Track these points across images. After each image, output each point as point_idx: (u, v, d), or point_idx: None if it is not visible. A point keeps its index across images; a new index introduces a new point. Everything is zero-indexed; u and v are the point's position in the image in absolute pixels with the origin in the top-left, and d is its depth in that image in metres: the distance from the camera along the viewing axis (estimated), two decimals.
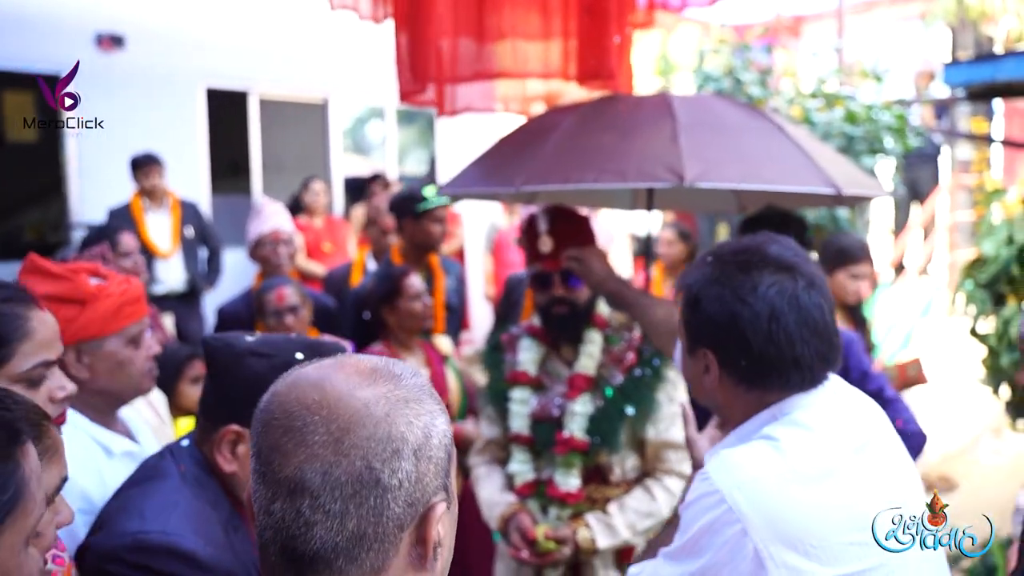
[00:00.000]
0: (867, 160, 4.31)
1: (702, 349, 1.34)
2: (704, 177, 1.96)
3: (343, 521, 0.77)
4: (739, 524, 1.16)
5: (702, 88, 4.77)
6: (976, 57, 5.18)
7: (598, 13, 2.55)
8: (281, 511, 0.78)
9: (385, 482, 0.78)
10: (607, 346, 2.31)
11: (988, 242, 4.32)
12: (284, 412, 0.80)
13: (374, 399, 0.80)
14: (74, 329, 1.68)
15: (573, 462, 2.20)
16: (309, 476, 0.77)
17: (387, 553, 0.79)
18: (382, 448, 0.78)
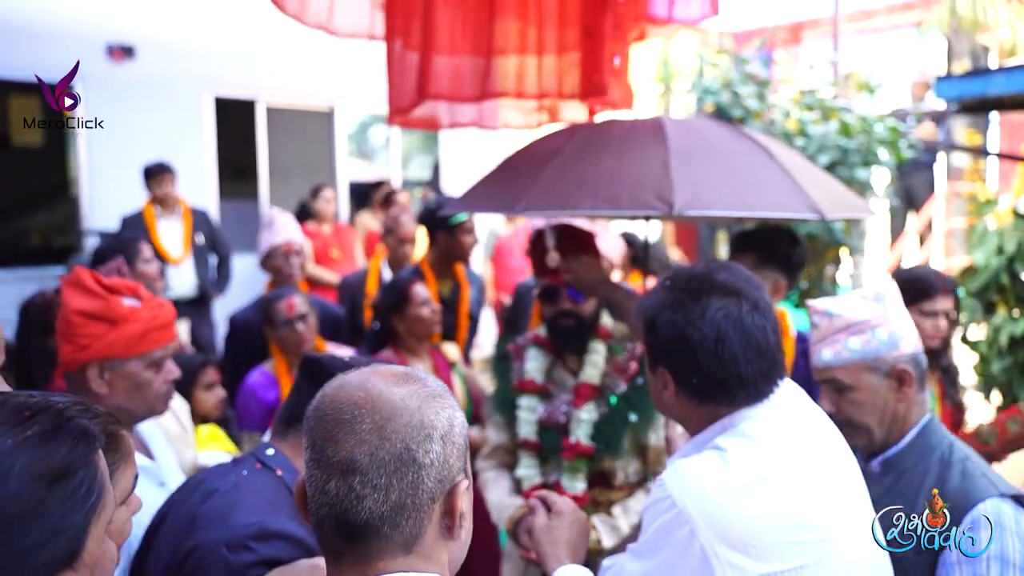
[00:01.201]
0: (861, 172, 4.42)
1: (660, 368, 1.46)
2: (692, 205, 2.08)
3: (387, 494, 0.94)
4: (688, 526, 1.30)
5: (701, 101, 4.88)
6: (968, 72, 5.30)
7: (596, 34, 2.67)
8: (335, 489, 0.94)
9: (420, 460, 0.96)
10: (610, 356, 2.43)
11: (979, 251, 4.44)
12: (334, 408, 0.97)
13: (408, 395, 0.98)
14: (100, 346, 1.77)
15: (579, 467, 2.32)
16: (359, 457, 0.94)
17: (422, 521, 0.96)
18: (417, 433, 0.96)
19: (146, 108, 6.29)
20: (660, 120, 2.45)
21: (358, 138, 9.26)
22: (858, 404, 1.71)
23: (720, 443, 1.39)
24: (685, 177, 2.13)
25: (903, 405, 1.72)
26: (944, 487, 1.67)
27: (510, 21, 2.97)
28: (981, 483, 1.66)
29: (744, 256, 2.61)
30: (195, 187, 6.53)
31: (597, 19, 2.72)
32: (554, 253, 2.37)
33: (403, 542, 0.96)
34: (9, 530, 0.78)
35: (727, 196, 2.18)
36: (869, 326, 1.71)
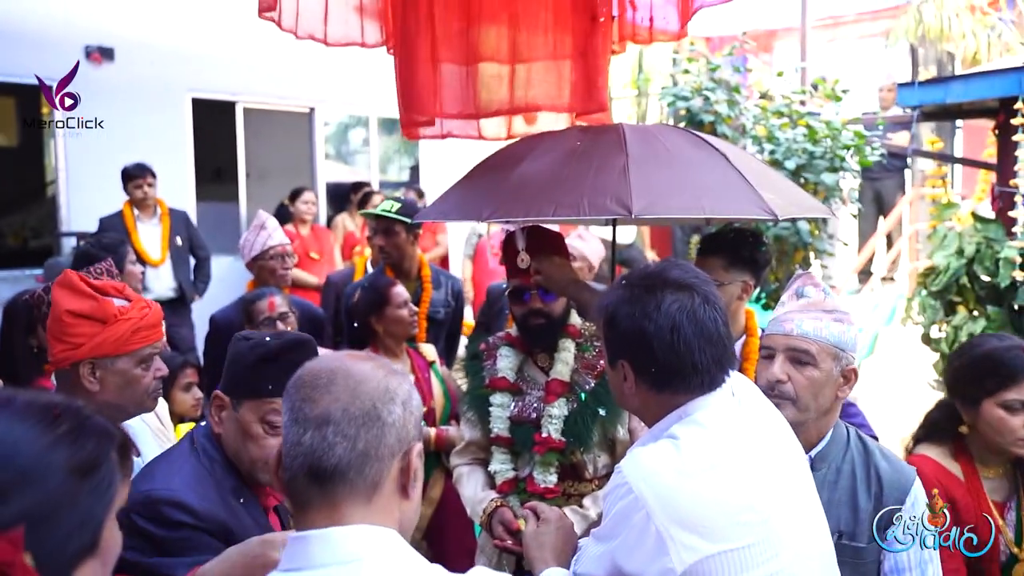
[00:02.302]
0: (827, 176, 4.56)
1: (620, 361, 1.54)
2: (649, 210, 2.19)
3: (355, 443, 1.11)
4: (643, 510, 1.39)
5: (672, 106, 5.00)
6: (929, 79, 5.46)
7: (590, 52, 2.76)
8: (311, 440, 1.10)
9: (384, 419, 1.13)
10: (580, 354, 2.53)
11: (940, 253, 4.59)
12: (312, 375, 1.15)
13: (375, 367, 1.18)
14: (92, 345, 1.85)
15: (550, 460, 2.41)
16: (333, 411, 1.11)
17: (382, 472, 1.13)
18: (383, 395, 1.14)
19: (124, 110, 6.30)
20: (620, 128, 2.55)
21: (336, 140, 9.30)
22: (811, 382, 1.80)
23: (674, 431, 1.47)
24: (643, 183, 2.23)
25: (838, 402, 1.84)
26: (879, 472, 1.79)
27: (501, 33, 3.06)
28: (901, 463, 1.81)
29: (712, 258, 2.72)
30: (173, 189, 6.55)
31: (590, 39, 2.80)
32: (524, 254, 2.45)
33: (365, 489, 1.11)
34: (48, 521, 0.83)
35: (684, 200, 2.29)
36: (848, 320, 1.85)
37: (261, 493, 1.82)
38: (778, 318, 1.90)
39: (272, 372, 1.70)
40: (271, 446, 1.71)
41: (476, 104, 3.05)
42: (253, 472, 1.77)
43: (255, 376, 1.72)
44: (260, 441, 1.73)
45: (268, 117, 7.89)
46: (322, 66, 7.27)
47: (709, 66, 5.06)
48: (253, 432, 1.73)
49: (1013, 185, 4.59)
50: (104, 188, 6.15)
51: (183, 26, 6.84)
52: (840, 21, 9.85)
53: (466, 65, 3.04)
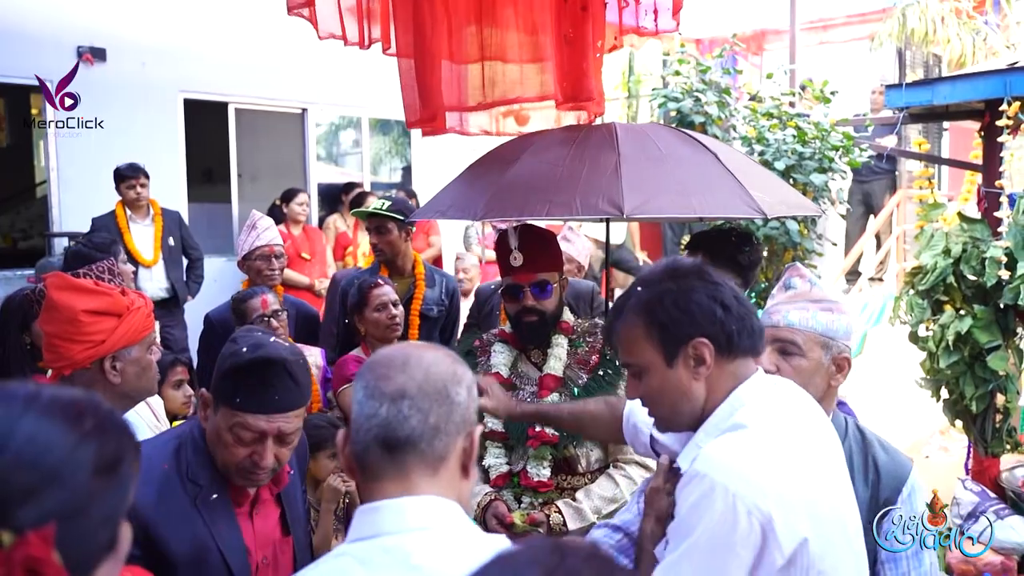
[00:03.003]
0: (816, 177, 4.61)
1: (695, 341, 1.49)
2: (640, 210, 2.22)
3: (427, 416, 1.19)
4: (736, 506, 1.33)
5: (663, 107, 5.05)
6: (916, 81, 5.53)
7: (577, 41, 2.79)
8: (386, 411, 1.18)
9: (453, 398, 1.21)
10: (572, 349, 2.56)
11: (927, 253, 4.64)
12: (387, 357, 1.25)
13: (444, 354, 1.28)
14: (114, 339, 1.89)
15: (544, 454, 2.45)
16: (408, 387, 1.19)
17: (449, 447, 1.21)
18: (451, 377, 1.23)
19: (116, 110, 6.30)
20: (612, 127, 2.59)
21: (327, 141, 9.32)
22: (800, 371, 1.81)
23: (740, 420, 1.46)
24: (634, 182, 2.27)
25: (832, 390, 1.87)
26: (876, 462, 1.82)
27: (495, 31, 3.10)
28: (899, 454, 1.83)
29: (701, 257, 2.75)
30: (165, 189, 6.55)
31: (577, 27, 2.83)
32: (517, 253, 2.48)
33: (433, 461, 1.19)
34: (75, 519, 0.83)
35: (675, 199, 2.32)
36: (838, 309, 1.86)
37: (238, 489, 1.80)
38: (767, 311, 1.92)
39: (240, 385, 1.67)
40: (239, 455, 1.70)
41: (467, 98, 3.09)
42: (226, 474, 1.75)
43: (227, 385, 1.69)
44: (230, 448, 1.70)
45: (260, 118, 7.90)
46: (314, 67, 7.30)
47: (700, 67, 5.11)
48: (224, 439, 1.70)
49: (998, 186, 4.66)
50: (95, 188, 6.15)
51: (175, 26, 6.85)
52: (829, 24, 9.94)
53: (461, 61, 3.08)
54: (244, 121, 7.65)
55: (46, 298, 1.89)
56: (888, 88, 4.94)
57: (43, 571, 0.77)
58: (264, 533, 1.84)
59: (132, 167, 5.63)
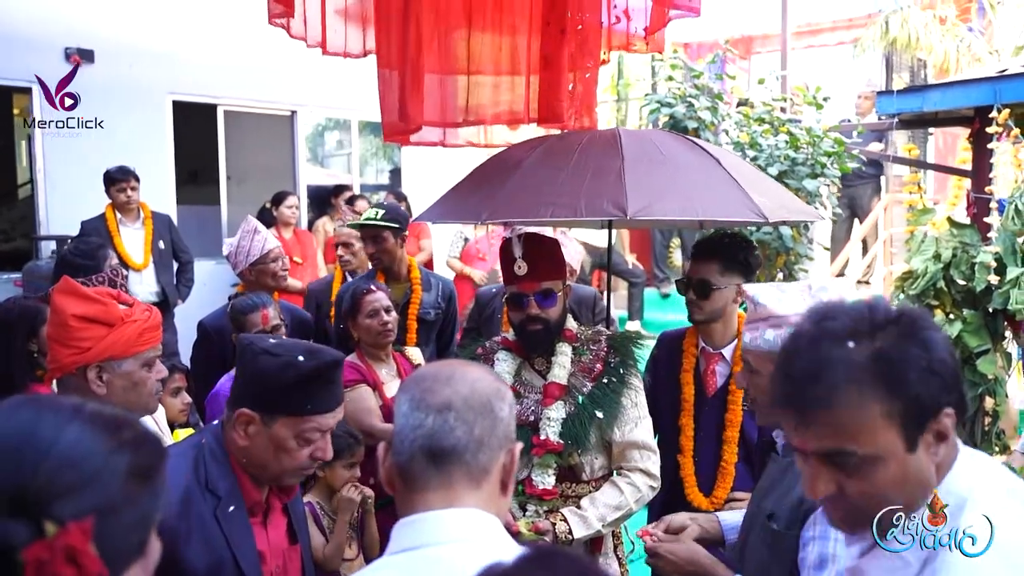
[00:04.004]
0: (809, 182, 4.65)
1: (944, 411, 1.17)
2: (645, 212, 2.24)
3: (472, 429, 1.20)
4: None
5: (655, 113, 5.07)
6: (906, 88, 5.59)
7: (554, 63, 2.82)
8: (432, 423, 1.20)
9: (496, 413, 1.23)
10: (576, 358, 2.57)
11: (917, 258, 4.69)
12: (433, 371, 1.27)
13: (487, 371, 1.32)
14: (100, 348, 1.87)
15: (548, 462, 2.45)
16: (454, 400, 1.21)
17: (492, 461, 1.22)
18: (495, 394, 1.25)
19: (104, 111, 6.25)
20: (616, 132, 2.60)
21: (316, 143, 9.28)
22: (758, 388, 1.85)
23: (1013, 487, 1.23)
24: (638, 185, 2.28)
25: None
26: None
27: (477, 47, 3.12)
28: None
29: (708, 262, 2.76)
30: (153, 192, 6.51)
31: (556, 49, 2.86)
32: (521, 261, 2.49)
33: (477, 474, 1.20)
34: (112, 517, 0.90)
35: (678, 202, 2.34)
36: (786, 322, 1.77)
37: (255, 500, 1.83)
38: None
39: (311, 391, 1.75)
40: (303, 457, 1.77)
41: (451, 112, 3.11)
42: (281, 479, 1.81)
43: (294, 396, 1.74)
44: (293, 454, 1.76)
45: (249, 120, 7.86)
46: (303, 69, 7.26)
47: (692, 73, 5.14)
48: (288, 446, 1.75)
49: (988, 191, 4.71)
50: (83, 191, 6.09)
51: (163, 28, 6.80)
52: (816, 29, 10.02)
53: (444, 74, 3.10)
54: (233, 123, 7.60)
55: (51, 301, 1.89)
56: (879, 95, 4.98)
57: (81, 561, 0.83)
58: (276, 542, 1.86)
59: (122, 170, 5.58)
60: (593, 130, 2.93)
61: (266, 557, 1.81)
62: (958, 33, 8.51)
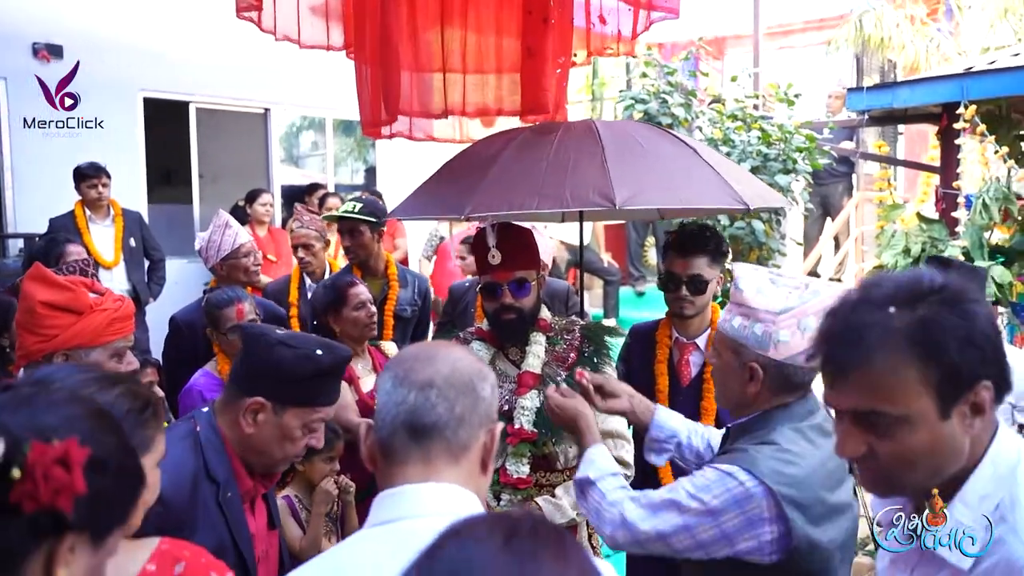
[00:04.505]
0: (781, 178, 4.69)
1: (977, 387, 1.18)
2: (632, 201, 2.24)
3: (453, 406, 1.22)
4: None
5: (629, 109, 5.10)
6: (876, 84, 5.67)
7: (538, 54, 2.82)
8: (414, 399, 1.21)
9: (478, 393, 1.25)
10: (550, 347, 2.57)
11: (887, 253, 4.77)
12: (418, 350, 1.31)
13: (469, 352, 1.35)
14: (67, 336, 1.85)
15: (523, 451, 2.44)
16: (436, 378, 1.23)
17: (472, 439, 1.24)
18: (477, 374, 1.27)
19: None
20: (590, 123, 2.60)
21: (290, 142, 9.22)
22: (715, 371, 1.89)
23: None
24: (623, 174, 2.28)
25: (750, 394, 1.80)
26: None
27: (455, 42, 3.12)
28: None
29: (698, 256, 2.75)
30: (124, 190, 6.42)
31: (539, 40, 2.86)
32: (495, 251, 2.48)
33: (456, 450, 1.22)
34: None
35: (662, 191, 2.35)
36: (754, 316, 1.77)
37: (247, 487, 1.86)
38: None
39: (325, 385, 1.84)
40: (301, 446, 1.85)
41: (430, 105, 3.11)
42: (275, 466, 1.87)
43: (309, 388, 1.81)
44: (296, 443, 1.82)
45: (222, 118, 7.78)
46: (277, 67, 7.20)
47: (666, 70, 5.17)
48: (294, 436, 1.81)
49: (956, 187, 4.79)
50: (52, 189, 6.01)
51: (134, 23, 6.72)
52: (789, 29, 10.14)
53: (421, 69, 3.10)
54: (206, 121, 7.53)
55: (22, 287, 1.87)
56: (849, 91, 5.05)
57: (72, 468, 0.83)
58: (261, 528, 1.89)
59: (94, 166, 5.51)
60: (566, 122, 2.93)
61: (255, 542, 1.84)
62: (928, 33, 8.65)
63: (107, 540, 0.94)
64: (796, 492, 1.64)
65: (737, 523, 1.64)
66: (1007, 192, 4.49)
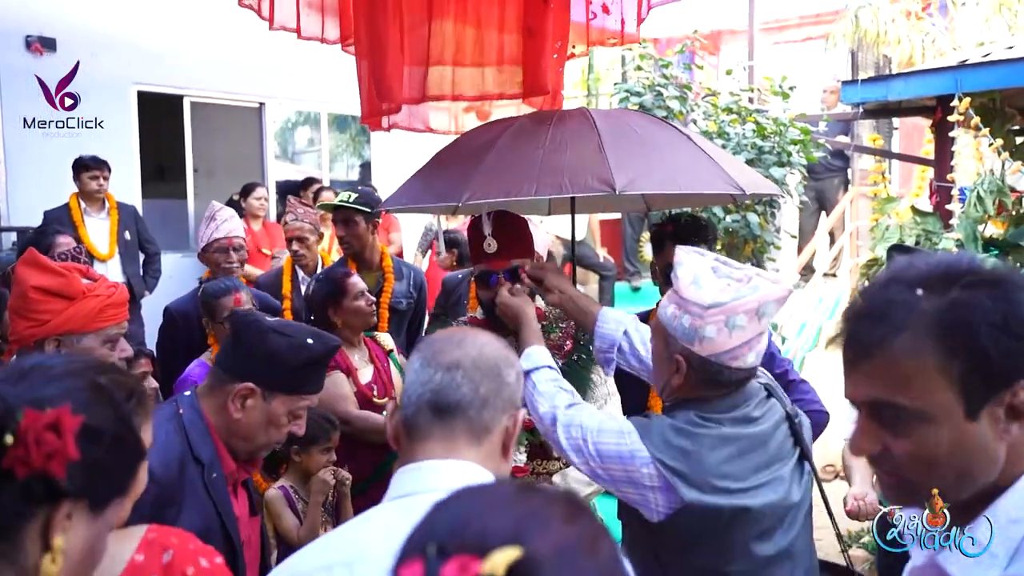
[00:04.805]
0: (775, 171, 4.70)
1: (1015, 387, 1.01)
2: (631, 187, 2.24)
3: (478, 388, 1.26)
4: None
5: (625, 102, 5.10)
6: (871, 77, 5.68)
7: (538, 35, 2.81)
8: (440, 378, 1.26)
9: (503, 378, 1.29)
10: (545, 335, 2.56)
11: (881, 246, 4.77)
12: (446, 336, 1.34)
13: (496, 338, 1.36)
14: (59, 321, 1.85)
15: (520, 440, 2.44)
16: (463, 360, 1.27)
17: (494, 421, 1.27)
18: (504, 360, 1.31)
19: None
20: (584, 110, 2.60)
21: (285, 136, 9.20)
22: (652, 353, 1.90)
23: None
24: (620, 160, 2.28)
25: (674, 384, 1.80)
26: None
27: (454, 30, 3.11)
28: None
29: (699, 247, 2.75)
30: (118, 184, 6.39)
31: (539, 20, 2.85)
32: (491, 239, 2.47)
33: (478, 431, 1.26)
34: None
35: (661, 177, 2.35)
36: (684, 307, 1.74)
37: (231, 469, 1.87)
38: None
39: (314, 373, 1.88)
40: (284, 432, 1.88)
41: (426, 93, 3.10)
42: (258, 452, 1.89)
43: (299, 377, 1.85)
44: (281, 429, 1.85)
45: (216, 112, 7.76)
46: (272, 61, 7.19)
47: (661, 63, 5.18)
48: (280, 422, 1.84)
49: (950, 180, 4.80)
50: (45, 183, 5.99)
51: (128, 16, 6.69)
52: (784, 25, 10.15)
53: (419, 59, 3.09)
54: (200, 115, 7.50)
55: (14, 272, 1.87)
56: (844, 84, 5.06)
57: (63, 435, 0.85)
58: (243, 514, 1.90)
59: (95, 159, 5.55)
60: (560, 109, 2.93)
61: (239, 526, 1.85)
62: (923, 28, 8.67)
63: (106, 510, 0.94)
64: (682, 465, 1.68)
65: (619, 475, 1.74)
66: (1001, 185, 4.50)
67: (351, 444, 3.05)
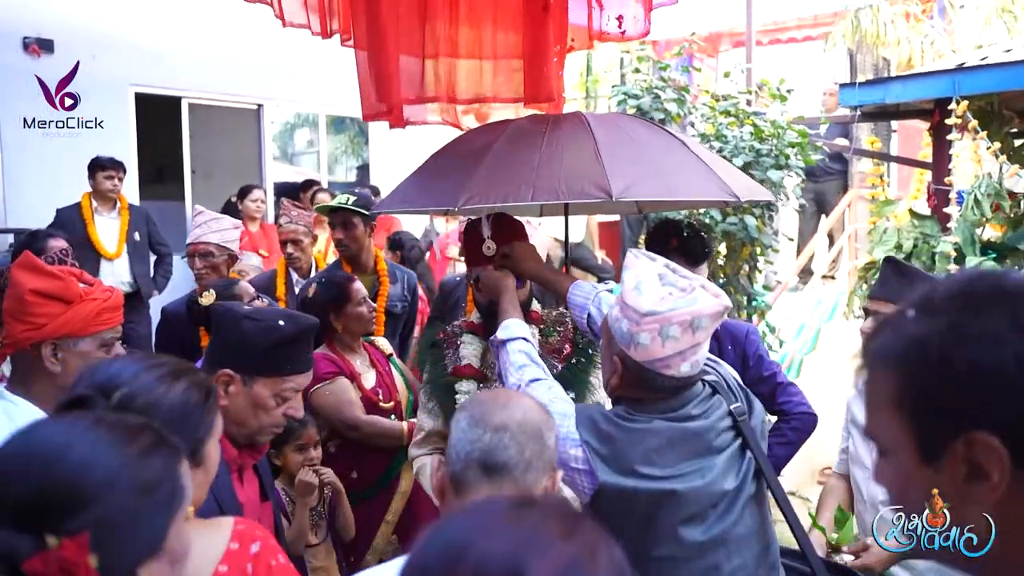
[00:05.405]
0: (773, 173, 4.69)
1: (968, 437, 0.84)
2: (627, 193, 2.24)
3: (523, 450, 1.37)
4: None
5: (622, 104, 5.09)
6: (869, 80, 5.68)
7: (539, 41, 2.80)
8: (489, 439, 1.36)
9: (545, 440, 1.40)
10: (544, 339, 2.55)
11: (880, 248, 4.78)
12: (492, 396, 1.48)
13: (537, 404, 1.50)
14: (56, 325, 1.85)
15: None
16: (510, 423, 1.38)
17: (536, 482, 1.37)
18: (545, 424, 1.43)
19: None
20: (580, 115, 2.60)
21: (283, 138, 9.20)
22: (600, 349, 1.97)
23: None
24: (616, 166, 2.28)
25: (612, 383, 1.86)
26: None
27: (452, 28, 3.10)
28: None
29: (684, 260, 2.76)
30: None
31: (541, 28, 2.85)
32: (490, 242, 2.46)
33: (523, 490, 1.33)
34: (112, 531, 0.95)
35: (656, 184, 2.35)
36: (624, 312, 1.77)
37: (232, 455, 1.89)
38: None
39: (290, 353, 1.91)
40: (278, 415, 1.91)
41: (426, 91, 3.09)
42: (258, 436, 1.91)
43: (274, 357, 1.88)
44: (271, 412, 1.88)
45: (215, 113, 7.75)
46: (271, 62, 7.19)
47: (659, 65, 5.17)
48: (267, 405, 1.88)
49: (948, 183, 4.80)
50: (45, 183, 5.99)
51: (126, 17, 6.68)
52: (782, 27, 10.15)
53: (422, 56, 3.08)
54: (198, 117, 7.49)
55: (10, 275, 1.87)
56: (842, 87, 5.06)
57: (76, 573, 0.88)
58: (251, 499, 1.91)
59: (112, 160, 5.62)
60: (555, 114, 2.92)
61: (244, 512, 1.84)
62: (922, 30, 8.68)
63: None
64: (605, 448, 1.74)
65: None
66: (999, 188, 4.50)
67: (358, 449, 3.04)
